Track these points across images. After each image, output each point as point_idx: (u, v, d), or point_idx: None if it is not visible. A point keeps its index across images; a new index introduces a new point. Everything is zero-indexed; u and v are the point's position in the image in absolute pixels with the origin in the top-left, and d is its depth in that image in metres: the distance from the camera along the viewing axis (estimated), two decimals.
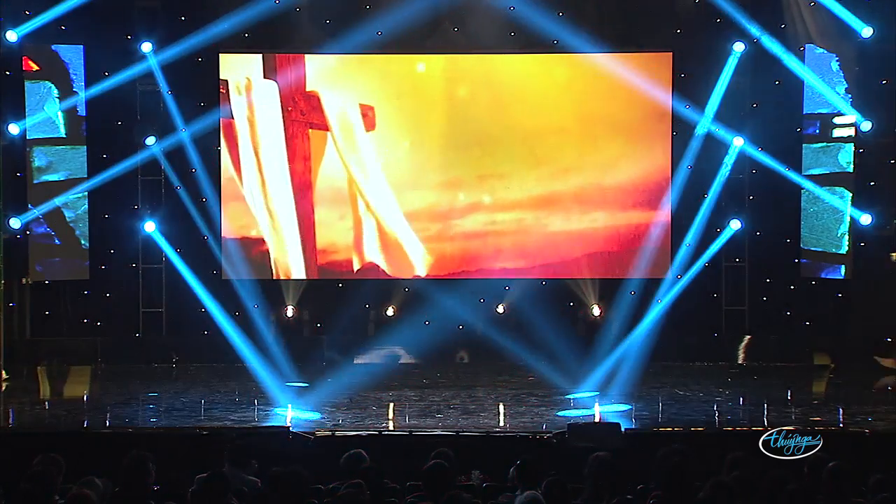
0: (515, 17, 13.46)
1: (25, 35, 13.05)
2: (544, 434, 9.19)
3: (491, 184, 13.87)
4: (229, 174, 13.79)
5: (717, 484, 6.23)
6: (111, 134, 13.58)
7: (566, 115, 13.72)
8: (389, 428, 9.83)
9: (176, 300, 13.62)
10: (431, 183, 13.85)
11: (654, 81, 13.50)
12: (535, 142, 13.76)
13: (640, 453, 8.34)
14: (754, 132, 13.48)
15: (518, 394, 11.30)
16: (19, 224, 13.16)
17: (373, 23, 13.33)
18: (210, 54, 13.58)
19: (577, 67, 13.66)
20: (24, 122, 13.24)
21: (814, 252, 13.57)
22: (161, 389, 11.86)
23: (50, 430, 9.89)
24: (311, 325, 13.99)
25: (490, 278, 13.84)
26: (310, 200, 13.85)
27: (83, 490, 6.06)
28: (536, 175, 13.83)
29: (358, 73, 13.95)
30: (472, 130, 13.82)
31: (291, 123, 13.82)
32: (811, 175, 13.51)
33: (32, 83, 13.42)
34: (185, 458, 7.96)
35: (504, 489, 6.97)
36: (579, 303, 13.81)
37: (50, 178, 13.49)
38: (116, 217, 13.52)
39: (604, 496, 6.36)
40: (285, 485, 6.17)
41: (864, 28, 12.94)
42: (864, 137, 13.31)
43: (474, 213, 13.85)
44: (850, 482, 6.40)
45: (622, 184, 13.72)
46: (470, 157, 13.84)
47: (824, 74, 13.42)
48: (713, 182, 13.43)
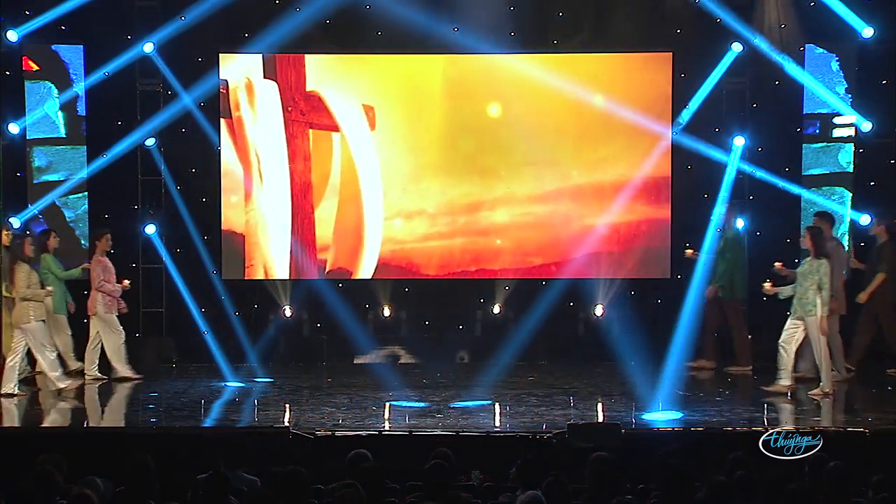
0: (515, 17, 13.48)
1: (26, 35, 13.06)
2: (544, 434, 9.19)
3: (491, 184, 13.87)
4: (229, 174, 13.81)
5: (717, 484, 6.24)
6: (111, 134, 13.57)
7: (566, 115, 13.72)
8: (387, 427, 9.82)
9: (176, 300, 13.62)
10: (431, 183, 13.85)
11: (654, 81, 13.55)
12: (534, 142, 13.75)
13: (640, 453, 8.37)
14: (754, 132, 13.50)
15: (518, 394, 11.30)
16: (19, 224, 13.17)
17: (373, 23, 13.35)
18: (210, 54, 13.59)
19: (577, 67, 13.66)
20: (23, 120, 13.25)
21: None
22: (161, 389, 11.86)
23: (50, 430, 9.89)
24: (310, 325, 13.99)
25: (490, 278, 13.85)
26: (310, 200, 13.85)
27: (84, 490, 6.07)
28: (536, 175, 13.84)
29: (358, 73, 13.96)
30: (472, 131, 13.83)
31: (291, 123, 13.83)
32: (811, 175, 13.53)
33: (32, 83, 13.44)
34: (185, 458, 7.96)
35: (504, 489, 6.97)
36: (580, 303, 13.80)
37: (50, 178, 13.50)
38: (116, 217, 13.51)
39: (604, 496, 6.36)
40: (285, 485, 6.18)
41: (865, 28, 12.95)
42: (864, 137, 13.32)
43: (474, 212, 13.85)
44: (850, 482, 6.41)
45: (622, 184, 13.71)
46: (469, 158, 13.84)
47: (824, 74, 13.44)
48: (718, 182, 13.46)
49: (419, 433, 9.34)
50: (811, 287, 10.97)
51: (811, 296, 10.97)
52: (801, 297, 11.07)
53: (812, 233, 11.24)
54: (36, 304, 11.27)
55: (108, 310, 12.01)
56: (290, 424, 9.70)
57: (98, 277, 11.96)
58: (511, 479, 6.85)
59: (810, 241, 11.15)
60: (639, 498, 6.55)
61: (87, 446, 8.94)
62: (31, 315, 11.23)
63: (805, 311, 11.04)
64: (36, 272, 11.39)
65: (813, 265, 11.03)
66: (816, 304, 10.94)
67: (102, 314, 12.00)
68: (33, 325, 11.25)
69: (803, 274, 11.09)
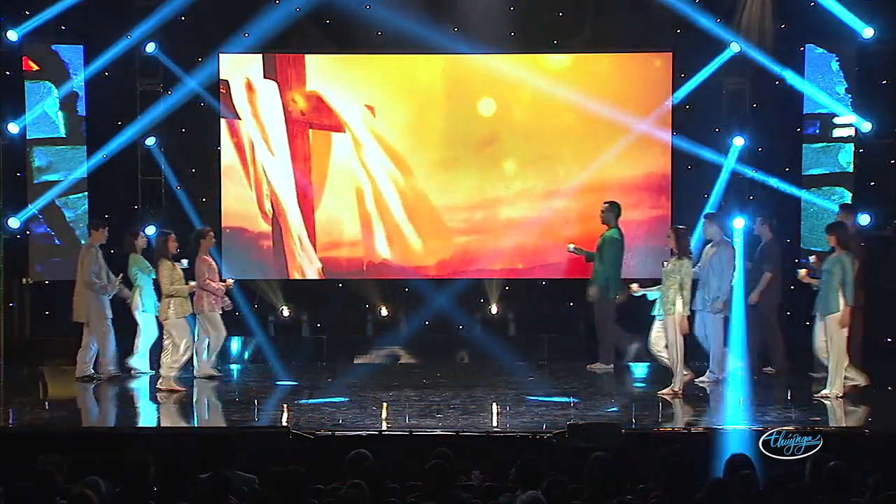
0: (515, 18, 13.48)
1: (26, 34, 13.06)
2: (544, 434, 9.19)
3: (491, 184, 13.88)
4: (229, 174, 13.80)
5: (717, 484, 6.24)
6: (111, 134, 13.57)
7: (566, 115, 13.72)
8: (384, 427, 9.82)
9: None
10: (431, 183, 13.85)
11: (654, 81, 13.56)
12: (534, 142, 13.77)
13: (640, 453, 8.36)
14: (754, 132, 13.51)
15: (518, 394, 11.29)
16: (18, 224, 13.17)
17: (373, 23, 13.35)
18: (210, 54, 13.59)
19: (577, 67, 13.66)
20: (23, 118, 13.25)
21: (814, 252, 13.56)
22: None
23: (50, 430, 9.88)
24: (310, 325, 13.98)
25: (490, 278, 13.84)
26: (310, 201, 13.85)
27: (84, 490, 6.07)
28: (536, 175, 13.85)
29: (358, 73, 13.96)
30: (472, 131, 13.83)
31: (292, 123, 13.83)
32: (811, 175, 13.53)
33: (32, 83, 13.43)
34: (185, 458, 7.95)
35: (504, 489, 6.97)
36: (580, 303, 13.79)
37: (50, 178, 13.50)
38: (116, 217, 13.49)
39: (604, 496, 6.36)
40: (285, 485, 6.18)
41: (865, 28, 12.95)
42: (864, 137, 13.31)
43: (474, 212, 13.85)
44: (850, 482, 6.41)
45: (622, 184, 13.72)
46: (470, 158, 13.84)
47: (824, 74, 13.43)
48: (715, 182, 13.48)
49: (419, 433, 9.34)
50: (672, 286, 10.99)
51: (672, 295, 10.99)
52: (663, 296, 11.13)
53: (677, 233, 11.23)
54: (177, 301, 11.37)
55: (212, 308, 12.06)
56: (290, 424, 9.69)
57: (203, 276, 12.00)
58: (511, 479, 6.84)
59: (674, 241, 11.16)
60: (639, 498, 6.55)
61: (87, 446, 8.93)
62: (172, 311, 11.34)
63: (665, 309, 11.08)
64: (179, 269, 11.53)
65: (676, 265, 11.05)
66: (677, 304, 10.97)
67: (207, 312, 12.05)
68: (173, 321, 11.37)
69: (666, 273, 11.12)
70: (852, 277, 10.82)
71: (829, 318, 10.88)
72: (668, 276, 11.08)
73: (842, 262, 10.82)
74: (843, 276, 10.80)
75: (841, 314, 10.78)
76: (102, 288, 12.06)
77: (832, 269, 10.84)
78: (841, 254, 10.86)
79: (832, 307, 10.82)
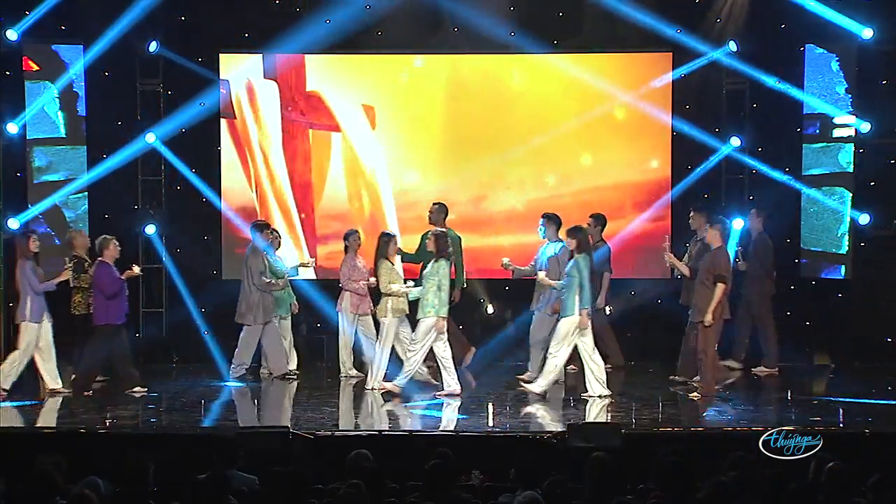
0: (516, 18, 13.48)
1: (25, 34, 13.04)
2: (544, 434, 9.19)
3: (491, 184, 13.89)
4: (229, 174, 13.81)
5: (717, 484, 6.24)
6: (111, 134, 13.56)
7: (566, 115, 13.72)
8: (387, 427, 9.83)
9: (176, 300, 13.62)
10: (431, 183, 13.85)
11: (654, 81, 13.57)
12: (534, 142, 13.76)
13: (640, 453, 8.36)
14: (754, 132, 13.52)
15: (518, 394, 11.29)
16: (18, 224, 13.16)
17: (373, 23, 13.35)
18: (210, 54, 13.59)
19: (577, 67, 13.66)
20: (22, 117, 13.24)
21: (814, 252, 13.59)
22: (161, 389, 11.85)
23: (50, 431, 9.89)
24: (310, 325, 13.97)
25: (490, 278, 13.84)
26: (310, 201, 13.86)
27: (84, 490, 6.07)
28: (536, 175, 13.86)
29: (358, 73, 13.97)
30: (472, 131, 13.84)
31: (291, 123, 13.84)
32: (811, 175, 13.53)
33: (32, 83, 13.43)
34: (185, 458, 7.95)
35: (504, 489, 6.97)
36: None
37: (50, 178, 13.50)
38: (116, 217, 13.50)
39: (604, 496, 6.36)
40: (285, 485, 6.18)
41: (865, 29, 12.94)
42: (864, 137, 13.31)
43: (474, 212, 13.86)
44: (850, 482, 6.41)
45: (622, 184, 13.74)
46: (470, 158, 13.84)
47: (824, 74, 13.43)
48: (718, 182, 13.48)
49: (419, 433, 9.35)
50: (431, 288, 11.04)
51: (431, 297, 11.05)
52: (422, 297, 11.18)
53: (436, 236, 11.30)
54: (395, 300, 11.44)
55: (354, 308, 12.07)
56: (290, 424, 9.69)
57: (346, 276, 12.05)
58: (511, 479, 6.85)
59: (433, 244, 11.24)
60: (639, 498, 6.55)
61: (87, 446, 8.94)
62: (389, 309, 11.42)
63: (424, 312, 11.11)
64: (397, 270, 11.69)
65: (433, 267, 11.12)
66: (434, 306, 11.02)
67: (348, 311, 12.09)
68: (390, 318, 11.44)
69: (426, 276, 11.20)
70: (588, 280, 10.82)
71: (564, 321, 10.86)
72: (427, 278, 11.13)
73: (578, 264, 10.83)
74: (439, 283, 10.97)
75: (579, 317, 10.77)
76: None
77: (571, 272, 10.86)
78: (578, 256, 10.87)
79: (569, 310, 10.82)
